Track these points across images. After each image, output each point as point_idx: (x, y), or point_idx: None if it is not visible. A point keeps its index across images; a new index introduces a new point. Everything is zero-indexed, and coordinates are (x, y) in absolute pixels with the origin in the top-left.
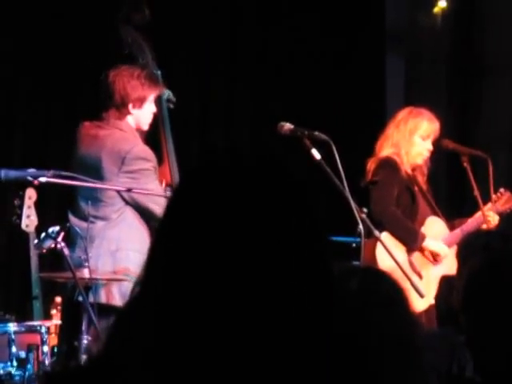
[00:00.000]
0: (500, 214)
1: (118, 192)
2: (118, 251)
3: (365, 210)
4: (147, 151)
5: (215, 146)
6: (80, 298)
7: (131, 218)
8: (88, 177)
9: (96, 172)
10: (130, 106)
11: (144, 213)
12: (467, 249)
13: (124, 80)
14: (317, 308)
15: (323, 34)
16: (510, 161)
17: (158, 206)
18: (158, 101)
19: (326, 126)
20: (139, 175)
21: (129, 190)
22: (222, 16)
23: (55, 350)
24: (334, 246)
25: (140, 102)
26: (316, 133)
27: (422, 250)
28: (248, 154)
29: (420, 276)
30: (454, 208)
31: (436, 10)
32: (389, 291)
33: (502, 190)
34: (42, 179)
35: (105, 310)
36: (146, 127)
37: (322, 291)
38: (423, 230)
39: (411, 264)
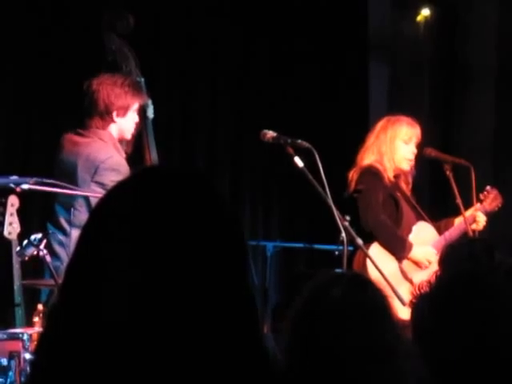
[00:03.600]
0: (488, 214)
1: (87, 200)
2: None
3: (347, 217)
4: (121, 164)
5: (197, 153)
6: None
7: None
8: (64, 183)
9: (71, 179)
10: (114, 114)
11: None
12: (450, 259)
13: (108, 88)
14: (235, 316)
15: (306, 41)
16: (493, 169)
17: None
18: (142, 109)
19: (309, 134)
20: (110, 187)
21: None
22: (206, 25)
23: None
24: (316, 254)
25: (124, 110)
26: (299, 141)
27: (409, 259)
28: (175, 171)
29: (412, 283)
30: (437, 216)
31: (419, 18)
32: (372, 299)
33: (488, 187)
34: (25, 186)
35: None
36: (128, 136)
37: (237, 297)
38: (413, 235)
39: (402, 271)
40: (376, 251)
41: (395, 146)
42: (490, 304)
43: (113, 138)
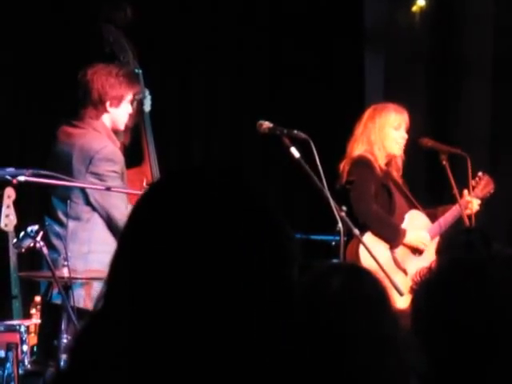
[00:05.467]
0: (481, 199)
1: (83, 192)
2: (89, 253)
3: (344, 208)
4: (116, 153)
5: (194, 146)
6: (55, 300)
7: (102, 219)
8: (60, 174)
9: (66, 170)
10: (108, 104)
11: (105, 215)
12: (447, 249)
13: (102, 78)
14: (273, 314)
15: (302, 32)
16: (489, 159)
17: (118, 211)
18: (140, 100)
19: (305, 124)
20: (105, 177)
21: (108, 189)
22: (202, 16)
23: (35, 349)
24: (313, 245)
25: (117, 100)
26: (295, 131)
27: (404, 246)
28: (212, 168)
29: (405, 272)
30: (433, 206)
31: (415, 8)
32: (371, 290)
33: (480, 173)
34: (21, 178)
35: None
36: (122, 127)
37: (279, 297)
38: (405, 224)
39: (395, 261)
40: (368, 242)
41: (385, 134)
42: (487, 292)
43: (106, 127)
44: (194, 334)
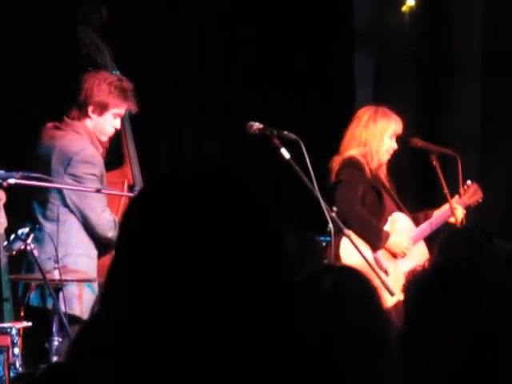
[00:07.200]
0: (467, 207)
1: (61, 193)
2: (66, 256)
3: (335, 208)
4: (95, 156)
5: (185, 148)
6: (32, 303)
7: (79, 221)
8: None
9: (46, 171)
10: (90, 109)
11: (80, 217)
12: (447, 246)
13: (95, 81)
14: (273, 313)
15: (292, 32)
16: (479, 159)
17: (94, 212)
18: None
19: (295, 125)
20: (83, 180)
21: (98, 191)
22: (191, 16)
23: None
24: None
25: (100, 108)
26: (285, 132)
27: (385, 249)
28: (209, 168)
29: (386, 273)
30: (423, 206)
31: (404, 8)
32: (362, 290)
33: (468, 182)
34: (11, 181)
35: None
36: (103, 138)
37: (279, 297)
38: (388, 226)
39: (377, 261)
40: (349, 242)
41: (383, 140)
42: (479, 293)
43: (88, 130)
44: (194, 335)
